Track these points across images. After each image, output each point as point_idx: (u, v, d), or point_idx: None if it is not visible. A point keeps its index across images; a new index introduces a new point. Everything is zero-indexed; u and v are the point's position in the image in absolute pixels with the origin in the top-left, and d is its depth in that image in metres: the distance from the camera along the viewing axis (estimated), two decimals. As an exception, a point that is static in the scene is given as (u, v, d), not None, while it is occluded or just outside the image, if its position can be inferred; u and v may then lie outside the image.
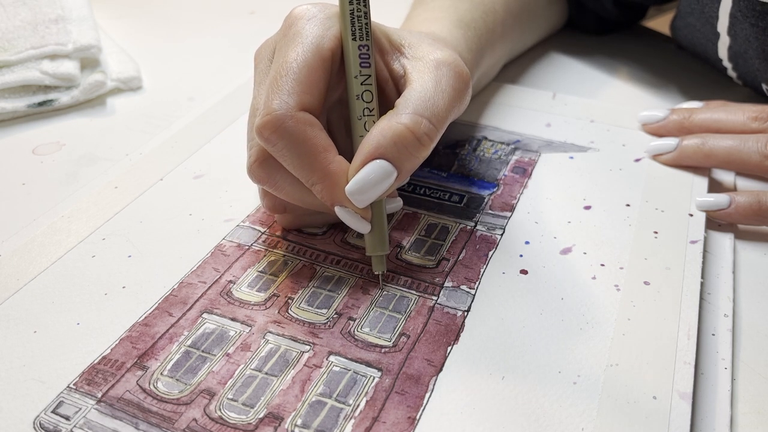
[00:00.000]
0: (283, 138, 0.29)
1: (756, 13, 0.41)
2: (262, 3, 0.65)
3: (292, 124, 0.29)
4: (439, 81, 0.31)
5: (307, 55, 0.30)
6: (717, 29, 0.45)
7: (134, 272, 0.33)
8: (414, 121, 0.29)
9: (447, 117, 0.31)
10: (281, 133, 0.29)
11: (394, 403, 0.27)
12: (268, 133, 0.29)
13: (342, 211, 0.30)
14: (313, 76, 0.30)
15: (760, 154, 0.38)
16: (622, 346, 0.29)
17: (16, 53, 0.47)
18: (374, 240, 0.31)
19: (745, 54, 0.45)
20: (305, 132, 0.29)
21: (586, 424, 0.26)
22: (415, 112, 0.29)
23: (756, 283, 0.34)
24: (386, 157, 0.29)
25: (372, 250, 0.32)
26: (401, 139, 0.29)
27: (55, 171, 0.41)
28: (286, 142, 0.29)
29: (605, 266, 0.34)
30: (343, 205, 0.30)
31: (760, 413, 0.28)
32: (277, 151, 0.29)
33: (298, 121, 0.29)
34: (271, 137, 0.29)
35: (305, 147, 0.29)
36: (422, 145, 0.29)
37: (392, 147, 0.29)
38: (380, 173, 0.29)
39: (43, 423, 0.26)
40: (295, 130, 0.29)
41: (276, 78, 0.30)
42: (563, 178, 0.40)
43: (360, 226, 0.31)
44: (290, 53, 0.30)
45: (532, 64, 0.53)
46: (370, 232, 0.31)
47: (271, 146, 0.29)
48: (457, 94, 0.31)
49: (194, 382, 0.28)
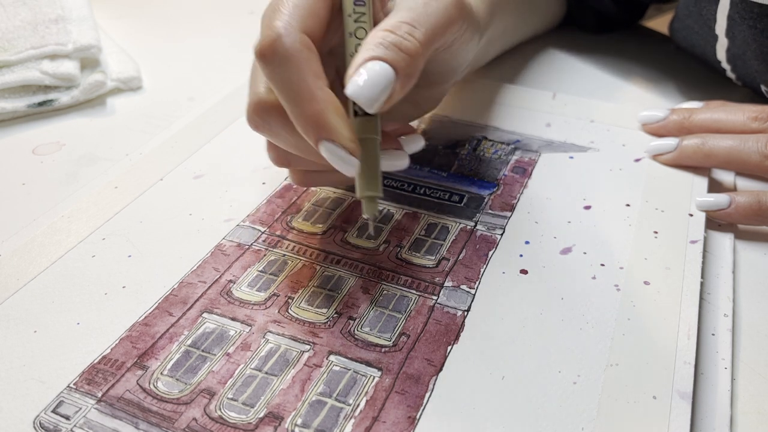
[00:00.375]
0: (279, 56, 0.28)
1: (754, 14, 0.41)
2: (262, 3, 0.65)
3: (290, 41, 0.28)
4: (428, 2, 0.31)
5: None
6: (715, 31, 0.45)
7: (134, 272, 0.33)
8: (393, 25, 0.29)
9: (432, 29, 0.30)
10: (278, 50, 0.28)
11: (394, 402, 0.27)
12: (266, 49, 0.28)
13: (327, 145, 0.28)
14: (314, 5, 0.30)
15: (760, 154, 0.38)
16: (622, 346, 0.29)
17: (16, 53, 0.47)
18: (365, 180, 0.29)
19: (744, 56, 0.45)
20: (301, 52, 0.28)
21: (586, 424, 0.26)
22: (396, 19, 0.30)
23: (756, 283, 0.34)
24: (379, 58, 0.28)
25: (362, 191, 0.29)
26: (385, 38, 0.29)
27: (55, 171, 0.41)
28: (282, 59, 0.28)
29: (605, 266, 0.34)
30: (329, 137, 0.28)
31: (760, 413, 0.28)
32: (270, 72, 0.28)
33: (296, 40, 0.28)
34: (268, 54, 0.28)
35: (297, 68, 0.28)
36: (408, 42, 0.29)
37: (380, 47, 0.29)
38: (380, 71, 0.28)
39: (43, 423, 0.26)
40: (292, 47, 0.28)
41: (276, 4, 0.29)
42: (563, 178, 0.40)
43: (347, 165, 0.28)
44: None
45: (532, 64, 0.53)
46: (361, 173, 0.29)
47: (266, 65, 0.28)
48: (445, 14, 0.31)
49: (194, 382, 0.28)
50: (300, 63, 0.28)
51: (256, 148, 0.42)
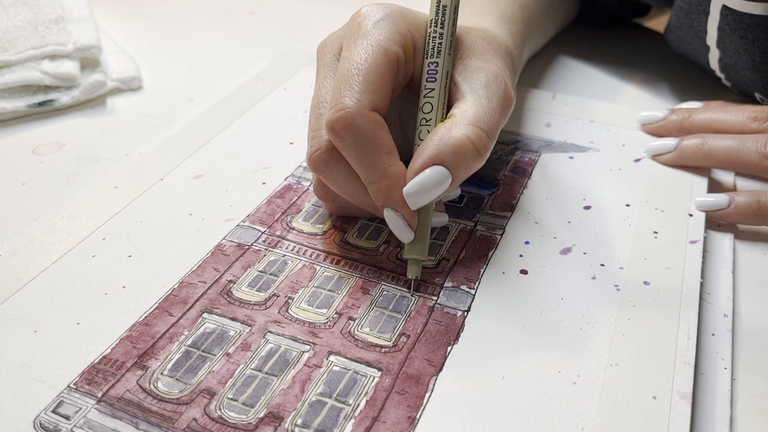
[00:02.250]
0: (353, 134, 0.30)
1: (744, 25, 0.41)
2: (262, 3, 0.65)
3: (363, 122, 0.30)
4: (491, 97, 0.32)
5: (377, 56, 0.31)
6: (706, 43, 0.45)
7: (134, 272, 0.33)
8: (475, 133, 0.30)
9: (498, 131, 0.32)
10: (352, 130, 0.30)
11: (394, 402, 0.27)
12: (340, 128, 0.30)
13: (391, 214, 0.31)
14: (382, 77, 0.31)
15: (760, 154, 0.38)
16: (622, 346, 0.30)
17: (17, 53, 0.47)
18: (415, 245, 0.32)
19: (736, 66, 0.45)
20: (375, 132, 0.30)
21: (586, 424, 0.26)
22: (476, 125, 0.30)
23: (756, 283, 0.34)
24: (445, 163, 0.30)
25: (410, 254, 0.32)
26: (462, 149, 0.30)
27: (55, 171, 0.41)
28: (356, 138, 0.30)
29: (605, 266, 0.34)
30: (394, 208, 0.31)
31: (760, 413, 0.28)
32: (344, 146, 0.30)
33: (369, 120, 0.30)
34: (342, 132, 0.30)
35: (372, 146, 0.30)
36: (480, 156, 0.31)
37: (452, 155, 0.30)
38: (437, 178, 0.30)
39: (43, 422, 0.26)
40: (365, 128, 0.30)
41: (347, 75, 0.31)
42: (563, 178, 0.40)
43: (405, 233, 0.31)
44: (361, 53, 0.31)
45: (532, 64, 0.53)
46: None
47: (340, 141, 0.30)
48: (505, 111, 0.33)
49: (194, 382, 0.28)
50: (373, 142, 0.30)
51: (256, 148, 0.42)
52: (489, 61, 0.34)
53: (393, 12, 0.33)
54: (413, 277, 0.32)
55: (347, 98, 0.30)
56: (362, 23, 0.32)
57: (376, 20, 0.32)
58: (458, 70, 0.33)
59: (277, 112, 0.46)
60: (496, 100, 0.32)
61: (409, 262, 0.32)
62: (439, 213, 0.34)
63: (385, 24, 0.32)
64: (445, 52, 0.33)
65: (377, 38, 0.31)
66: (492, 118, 0.31)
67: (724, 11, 0.42)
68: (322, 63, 0.34)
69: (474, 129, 0.30)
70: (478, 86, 0.32)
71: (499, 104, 0.32)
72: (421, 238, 0.32)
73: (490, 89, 0.32)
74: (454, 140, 0.30)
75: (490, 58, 0.34)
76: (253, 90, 0.49)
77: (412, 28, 0.33)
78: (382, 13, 0.33)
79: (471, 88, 0.32)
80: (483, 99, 0.32)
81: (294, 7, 0.64)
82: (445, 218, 0.35)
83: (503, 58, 0.36)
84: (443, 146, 0.30)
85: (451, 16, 0.33)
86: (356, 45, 0.32)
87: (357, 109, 0.30)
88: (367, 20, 0.32)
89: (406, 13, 0.34)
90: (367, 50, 0.31)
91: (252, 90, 0.49)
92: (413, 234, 0.31)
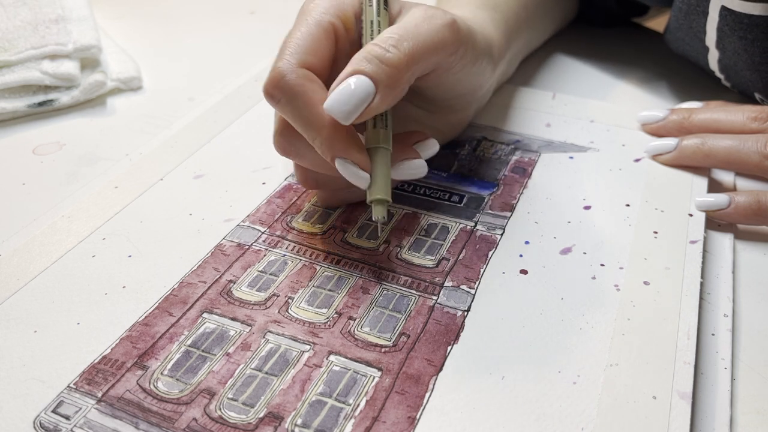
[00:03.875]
0: (284, 92, 0.30)
1: (743, 26, 0.41)
2: (262, 3, 0.65)
3: (293, 77, 0.31)
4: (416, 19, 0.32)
5: (309, 26, 0.32)
6: (706, 43, 0.45)
7: (134, 272, 0.33)
8: (380, 38, 0.31)
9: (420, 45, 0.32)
10: (282, 87, 0.30)
11: (394, 402, 0.27)
12: (272, 89, 0.31)
13: (341, 163, 0.31)
14: (314, 42, 0.32)
15: (760, 154, 0.38)
16: (622, 346, 0.30)
17: (17, 53, 0.47)
18: (374, 186, 0.31)
19: (736, 66, 0.45)
20: (304, 85, 0.31)
21: (586, 424, 0.26)
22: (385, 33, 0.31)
23: (756, 283, 0.34)
24: (359, 71, 0.30)
25: (371, 195, 0.31)
26: (370, 52, 0.31)
27: (55, 171, 0.41)
28: (287, 95, 0.30)
29: (605, 266, 0.34)
30: (341, 156, 0.30)
31: (760, 413, 0.28)
32: (281, 107, 0.31)
33: (299, 75, 0.31)
34: (275, 93, 0.31)
35: (304, 99, 0.30)
36: (391, 54, 0.31)
37: (363, 61, 0.30)
38: (358, 85, 0.30)
39: (43, 422, 0.26)
40: (294, 83, 0.30)
41: (282, 47, 0.32)
42: (563, 178, 0.40)
43: (358, 177, 0.31)
44: (295, 29, 0.33)
45: (532, 64, 0.53)
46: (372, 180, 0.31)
47: (275, 103, 0.31)
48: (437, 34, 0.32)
49: (194, 382, 0.28)
50: (304, 95, 0.31)
51: (256, 148, 0.42)
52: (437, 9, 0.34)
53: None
54: (379, 219, 0.31)
55: (278, 62, 0.31)
56: (303, 7, 0.34)
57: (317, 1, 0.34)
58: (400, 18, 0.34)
59: (277, 112, 0.46)
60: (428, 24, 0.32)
61: (373, 205, 0.31)
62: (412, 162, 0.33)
63: (323, 2, 0.34)
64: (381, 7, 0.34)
65: (312, 13, 0.33)
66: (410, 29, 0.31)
67: (723, 12, 0.42)
68: None
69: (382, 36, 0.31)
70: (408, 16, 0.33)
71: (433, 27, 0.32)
72: (380, 178, 0.31)
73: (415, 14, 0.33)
74: (364, 51, 0.31)
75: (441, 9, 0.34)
76: (253, 90, 0.49)
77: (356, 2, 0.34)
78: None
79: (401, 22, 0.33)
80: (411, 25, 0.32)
81: (294, 7, 0.64)
82: (424, 168, 0.34)
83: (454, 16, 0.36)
84: (356, 58, 0.31)
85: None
86: (295, 24, 0.33)
87: (286, 67, 0.30)
88: (308, 3, 0.34)
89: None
90: (301, 24, 0.33)
91: (252, 90, 0.49)
92: (368, 176, 0.31)
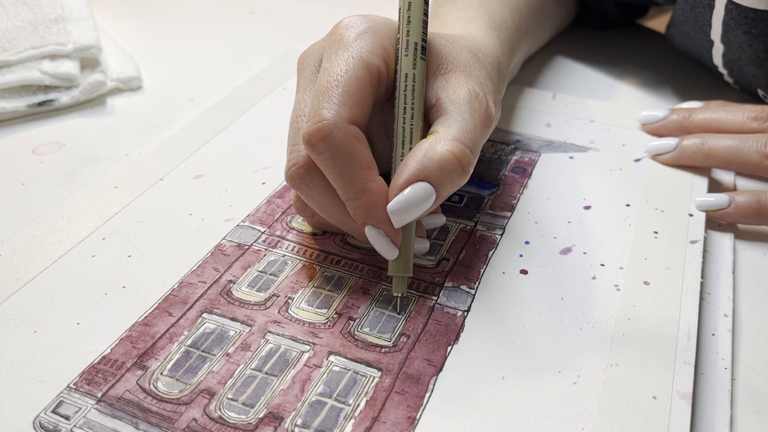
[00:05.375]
0: (330, 148, 0.29)
1: (749, 20, 0.41)
2: (262, 3, 0.65)
3: (341, 135, 0.29)
4: (473, 114, 0.31)
5: (357, 68, 0.30)
6: (711, 37, 0.45)
7: (134, 272, 0.33)
8: (460, 149, 0.29)
9: (480, 148, 0.31)
10: (329, 143, 0.29)
11: (394, 403, 0.27)
12: (317, 141, 0.29)
13: (373, 231, 0.30)
14: (362, 90, 0.30)
15: (760, 153, 0.38)
16: (622, 346, 0.29)
17: (16, 53, 0.47)
18: (399, 261, 0.31)
19: (740, 61, 0.45)
20: (353, 145, 0.29)
21: (586, 424, 0.26)
22: (460, 140, 0.30)
23: (756, 283, 0.34)
24: (430, 179, 0.29)
25: (395, 271, 0.31)
26: (447, 165, 0.29)
27: (55, 171, 0.41)
28: (333, 152, 0.29)
29: (605, 266, 0.34)
30: (375, 225, 0.30)
31: (760, 413, 0.28)
32: (321, 160, 0.29)
33: (347, 133, 0.29)
34: (319, 145, 0.29)
35: (350, 160, 0.29)
36: (464, 172, 0.30)
37: (437, 171, 0.29)
38: (422, 195, 0.29)
39: (43, 423, 0.26)
40: (343, 142, 0.29)
41: (326, 87, 0.30)
42: (563, 178, 0.40)
43: (389, 250, 0.30)
44: (341, 65, 0.30)
45: (532, 64, 0.53)
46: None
47: (317, 154, 0.29)
48: (486, 128, 0.32)
49: (194, 382, 0.28)
50: (352, 156, 0.29)
51: (256, 148, 0.42)
52: (472, 75, 0.33)
53: (376, 24, 0.32)
54: (399, 295, 0.31)
55: (325, 110, 0.29)
56: (344, 35, 0.31)
57: (359, 32, 0.31)
58: (440, 84, 0.32)
59: (277, 112, 0.46)
60: (478, 117, 0.31)
61: (394, 279, 0.31)
62: (420, 239, 0.33)
63: (367, 36, 0.31)
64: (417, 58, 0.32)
65: (358, 50, 0.30)
66: (475, 134, 0.30)
67: (729, 6, 0.42)
68: (303, 75, 0.33)
69: (458, 145, 0.29)
70: (461, 101, 0.31)
71: (481, 121, 0.31)
72: (405, 254, 0.31)
73: (472, 105, 0.31)
74: (439, 156, 0.29)
75: (474, 71, 0.33)
76: (253, 90, 0.49)
77: (394, 41, 0.32)
78: (364, 26, 0.32)
79: (453, 104, 0.31)
80: (466, 115, 0.31)
81: (294, 7, 0.64)
82: (426, 245, 0.34)
83: (488, 70, 0.35)
84: (428, 162, 0.29)
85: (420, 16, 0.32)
86: (337, 56, 0.30)
87: (335, 122, 0.29)
88: (348, 32, 0.31)
89: (390, 25, 0.33)
90: (348, 62, 0.30)
91: (252, 90, 0.49)
92: (398, 251, 0.30)
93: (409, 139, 0.31)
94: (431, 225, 0.34)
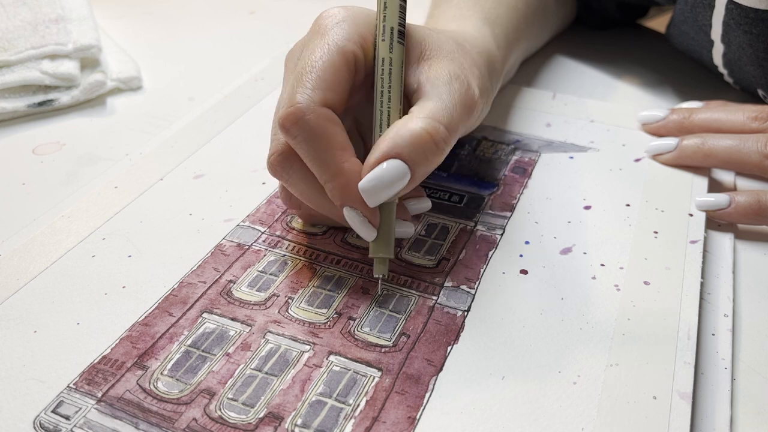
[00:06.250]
0: (303, 131, 0.29)
1: (749, 20, 0.41)
2: (262, 3, 0.65)
3: (313, 117, 0.29)
4: (452, 94, 0.31)
5: (332, 54, 0.31)
6: (711, 37, 0.45)
7: (134, 272, 0.33)
8: (432, 125, 0.30)
9: (459, 128, 0.31)
10: (302, 126, 0.29)
11: (394, 402, 0.27)
12: (289, 124, 0.29)
13: (350, 212, 0.30)
14: (336, 74, 0.30)
15: (760, 153, 0.38)
16: (622, 346, 0.29)
17: (16, 53, 0.47)
18: (379, 242, 0.31)
19: (740, 61, 0.45)
20: (325, 127, 0.29)
21: (586, 424, 0.26)
22: (433, 118, 0.30)
23: (756, 283, 0.34)
24: (402, 156, 0.29)
25: (375, 252, 0.31)
26: (418, 141, 0.29)
27: (55, 171, 0.41)
28: (306, 135, 0.29)
29: (605, 266, 0.34)
30: (352, 205, 0.30)
31: (760, 413, 0.28)
32: (296, 143, 0.30)
33: (319, 115, 0.29)
34: (292, 129, 0.29)
35: (323, 142, 0.29)
36: (438, 149, 0.30)
37: (409, 147, 0.29)
38: (394, 172, 0.29)
39: (43, 423, 0.26)
40: (315, 124, 0.29)
41: (301, 74, 0.30)
42: (563, 178, 0.40)
43: (366, 231, 0.30)
44: (316, 52, 0.31)
45: (532, 64, 0.53)
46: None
47: (291, 138, 0.30)
48: (466, 110, 0.32)
49: (194, 382, 0.28)
50: (325, 138, 0.29)
51: (256, 147, 0.42)
52: (455, 60, 0.33)
53: (354, 14, 0.33)
54: (380, 276, 0.31)
55: (298, 95, 0.30)
56: (322, 24, 0.32)
57: (336, 21, 0.32)
58: (422, 70, 0.33)
59: (277, 112, 0.46)
60: (457, 97, 0.31)
61: (375, 261, 0.31)
62: (404, 222, 0.33)
63: (344, 24, 0.32)
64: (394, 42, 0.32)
65: (333, 37, 0.31)
66: (452, 113, 0.31)
67: (729, 5, 0.42)
68: (287, 69, 0.34)
69: (431, 122, 0.30)
70: (440, 83, 0.32)
71: (461, 102, 0.31)
72: (385, 235, 0.31)
73: (451, 86, 0.32)
74: (410, 132, 0.29)
75: (457, 57, 0.33)
76: (253, 90, 0.49)
77: (373, 29, 0.33)
78: (342, 15, 0.32)
79: (432, 85, 0.32)
80: (444, 95, 0.31)
81: (294, 7, 0.64)
82: (411, 229, 0.33)
83: (473, 57, 0.35)
84: (399, 139, 0.29)
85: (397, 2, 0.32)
86: (314, 45, 0.31)
87: (307, 105, 0.29)
88: (326, 21, 0.32)
89: (370, 15, 0.33)
90: (323, 48, 0.31)
91: (252, 90, 0.49)
92: (375, 231, 0.30)
93: (387, 123, 0.31)
94: (416, 210, 0.34)
